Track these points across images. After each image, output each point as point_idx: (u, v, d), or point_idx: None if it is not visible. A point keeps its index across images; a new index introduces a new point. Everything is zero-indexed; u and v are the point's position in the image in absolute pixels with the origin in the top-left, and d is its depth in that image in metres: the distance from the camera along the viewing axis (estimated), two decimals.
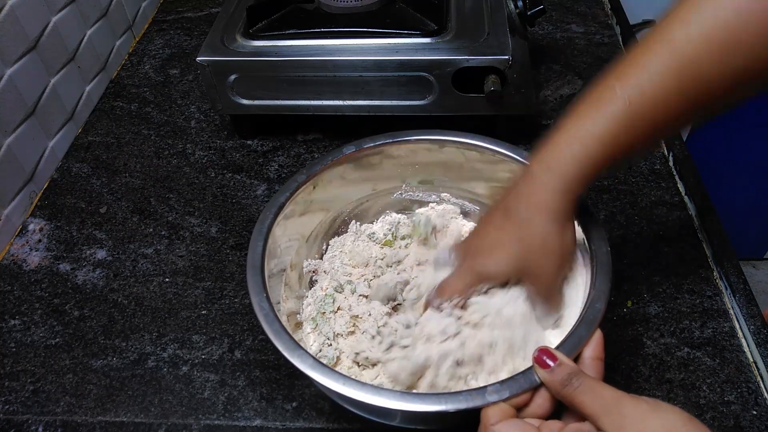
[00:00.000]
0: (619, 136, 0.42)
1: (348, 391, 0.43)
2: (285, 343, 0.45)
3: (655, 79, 0.40)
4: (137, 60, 0.96)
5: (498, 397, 0.41)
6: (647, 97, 0.41)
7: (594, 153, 0.43)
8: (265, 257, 0.51)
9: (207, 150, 0.81)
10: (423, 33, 0.72)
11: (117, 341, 0.61)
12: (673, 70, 0.40)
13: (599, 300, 0.46)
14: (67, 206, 0.75)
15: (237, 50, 0.73)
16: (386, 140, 0.60)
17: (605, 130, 0.42)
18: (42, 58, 0.77)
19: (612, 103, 0.42)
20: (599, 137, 0.42)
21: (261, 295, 0.48)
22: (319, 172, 0.58)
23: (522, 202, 0.46)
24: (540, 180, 0.45)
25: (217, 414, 0.55)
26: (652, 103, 0.41)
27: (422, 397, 0.43)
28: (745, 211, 1.54)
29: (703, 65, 0.39)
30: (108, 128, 0.85)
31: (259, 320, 0.47)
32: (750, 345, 0.57)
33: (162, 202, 0.74)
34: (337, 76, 0.72)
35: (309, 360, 0.44)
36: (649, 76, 0.41)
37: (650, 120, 0.42)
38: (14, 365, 0.59)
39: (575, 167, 0.44)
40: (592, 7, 0.99)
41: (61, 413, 0.56)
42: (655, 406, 0.37)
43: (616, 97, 0.42)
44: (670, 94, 0.40)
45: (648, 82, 0.41)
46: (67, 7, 0.81)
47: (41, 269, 0.68)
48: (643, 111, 0.41)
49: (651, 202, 0.70)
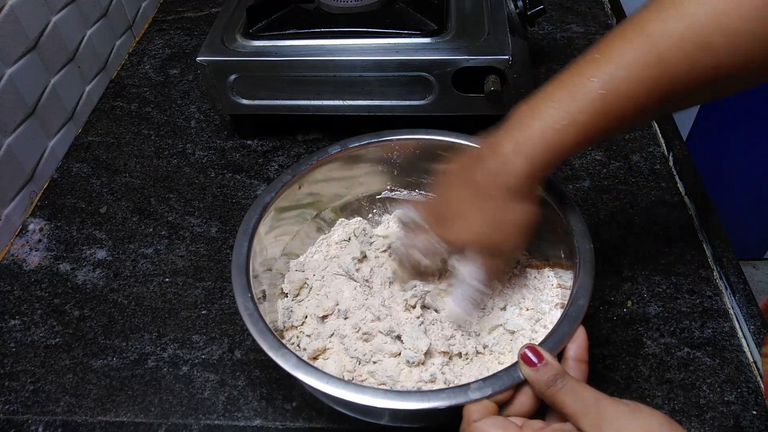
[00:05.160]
0: (591, 124, 0.43)
1: (333, 390, 0.43)
2: (269, 343, 0.45)
3: (631, 71, 0.41)
4: (137, 60, 0.96)
5: (480, 394, 0.41)
6: (621, 89, 0.42)
7: (565, 140, 0.44)
8: (251, 257, 0.51)
9: (207, 150, 0.81)
10: (423, 33, 0.72)
11: (117, 341, 0.61)
12: (648, 64, 0.41)
13: (582, 297, 0.46)
14: (67, 206, 0.75)
15: (237, 50, 0.73)
16: (371, 140, 0.60)
17: (578, 119, 0.43)
18: (42, 58, 0.77)
19: (586, 91, 0.42)
20: (572, 125, 0.43)
21: (246, 296, 0.49)
22: (304, 172, 0.58)
23: (491, 180, 0.47)
24: (510, 161, 0.45)
25: (217, 414, 0.55)
26: (626, 95, 0.42)
27: (405, 395, 0.43)
28: (745, 211, 1.54)
29: (676, 62, 0.40)
30: (108, 128, 0.85)
31: (243, 320, 0.47)
32: (750, 345, 0.57)
33: (162, 202, 0.74)
34: (337, 76, 0.72)
35: (293, 359, 0.44)
36: (624, 68, 0.41)
37: (621, 110, 0.42)
38: (14, 365, 0.59)
39: (546, 153, 0.45)
40: (592, 7, 0.99)
41: (61, 413, 0.56)
42: (634, 408, 0.38)
43: (591, 86, 0.42)
44: (642, 86, 0.41)
45: (623, 74, 0.41)
46: (67, 7, 0.81)
47: (41, 269, 0.68)
48: (615, 101, 0.42)
49: (651, 202, 0.70)
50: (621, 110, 0.42)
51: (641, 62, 0.41)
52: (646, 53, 0.41)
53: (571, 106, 0.43)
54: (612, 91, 0.42)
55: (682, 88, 0.41)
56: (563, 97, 0.44)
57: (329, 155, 0.59)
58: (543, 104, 0.45)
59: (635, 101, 0.42)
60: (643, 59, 0.41)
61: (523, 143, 0.45)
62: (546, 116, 0.44)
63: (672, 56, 0.40)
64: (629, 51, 0.41)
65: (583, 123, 0.43)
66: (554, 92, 0.44)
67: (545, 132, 0.44)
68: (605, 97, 0.42)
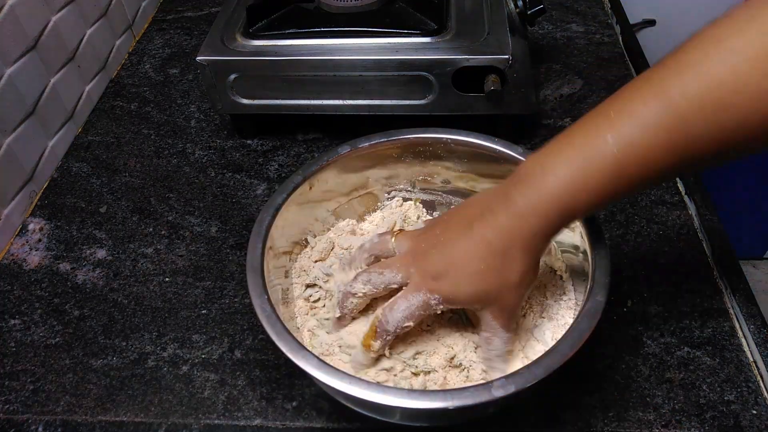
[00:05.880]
0: (605, 186, 0.41)
1: (354, 390, 0.43)
2: (288, 345, 0.45)
3: (647, 132, 0.39)
4: (137, 59, 0.96)
5: (504, 392, 0.41)
6: (637, 150, 0.40)
7: (579, 201, 0.42)
8: (265, 258, 0.51)
9: (207, 149, 0.81)
10: (423, 32, 0.72)
11: (117, 341, 0.61)
12: (665, 125, 0.39)
13: (599, 293, 0.46)
14: (67, 206, 0.75)
15: (237, 50, 0.73)
16: (381, 139, 0.60)
17: (593, 182, 0.41)
18: (42, 57, 0.77)
19: (601, 153, 0.41)
20: (585, 187, 0.42)
21: (262, 297, 0.48)
22: (315, 173, 0.58)
23: (504, 237, 0.45)
24: (526, 220, 0.44)
25: (217, 413, 0.55)
26: (642, 156, 0.40)
27: (428, 395, 0.43)
28: (745, 211, 1.54)
29: (695, 124, 0.38)
30: (108, 128, 0.85)
31: (261, 322, 0.47)
32: (750, 344, 0.57)
33: (162, 202, 0.74)
34: (337, 75, 0.72)
35: (313, 360, 0.44)
36: (640, 129, 0.40)
37: (637, 172, 0.41)
38: (14, 365, 0.59)
39: (560, 214, 0.43)
40: (592, 7, 0.99)
41: (61, 413, 0.56)
42: None
43: (607, 147, 0.41)
44: (660, 148, 0.40)
45: (639, 135, 0.40)
46: (66, 7, 0.81)
47: (41, 269, 0.68)
48: (631, 163, 0.40)
49: (651, 201, 0.70)
50: (636, 173, 0.41)
51: (658, 123, 0.39)
52: (664, 114, 0.39)
53: (587, 169, 0.41)
54: (627, 153, 0.40)
55: (701, 150, 0.39)
56: (577, 159, 0.42)
57: (339, 155, 0.59)
58: (557, 163, 0.43)
59: (652, 164, 0.40)
60: (661, 120, 0.39)
61: (539, 204, 0.43)
62: (561, 177, 0.42)
63: (691, 118, 0.38)
64: (646, 111, 0.40)
65: (597, 184, 0.42)
66: (566, 150, 0.43)
67: (560, 194, 0.42)
68: (619, 159, 0.40)
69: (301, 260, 0.59)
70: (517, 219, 0.44)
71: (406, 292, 0.47)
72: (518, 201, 0.44)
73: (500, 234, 0.45)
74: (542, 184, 0.43)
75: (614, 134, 0.40)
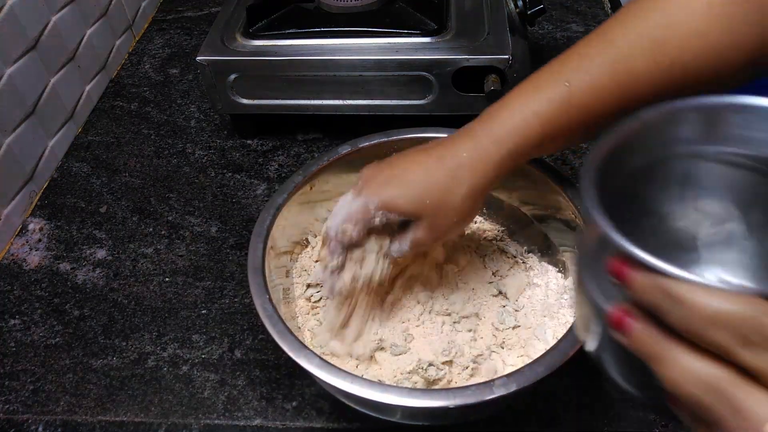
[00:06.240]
0: (557, 116, 0.45)
1: (356, 390, 0.43)
2: (290, 344, 0.46)
3: (593, 68, 0.44)
4: (137, 59, 0.96)
5: (505, 390, 0.41)
6: (584, 83, 0.44)
7: (532, 128, 0.46)
8: (266, 258, 0.51)
9: (207, 149, 0.81)
10: (423, 32, 0.72)
11: (117, 341, 0.61)
12: (609, 61, 0.44)
13: None
14: (67, 206, 0.75)
15: (237, 50, 0.73)
16: (381, 139, 0.60)
17: (545, 110, 0.45)
18: (42, 57, 0.77)
19: (553, 86, 0.45)
20: (539, 115, 0.45)
21: (264, 297, 0.48)
22: (315, 173, 0.58)
23: (457, 155, 0.48)
24: (481, 143, 0.47)
25: (217, 413, 0.55)
26: (589, 89, 0.44)
27: (429, 393, 0.43)
28: None
29: (635, 60, 0.43)
30: (108, 128, 0.85)
31: (262, 322, 0.47)
32: None
33: (162, 202, 0.74)
34: (337, 75, 0.72)
35: (315, 360, 0.45)
36: (587, 65, 0.45)
37: (585, 105, 0.45)
38: (14, 365, 0.59)
39: (514, 141, 0.46)
40: (591, 7, 0.99)
41: (61, 413, 0.56)
42: None
43: (558, 81, 0.45)
44: (605, 82, 0.44)
45: (586, 70, 0.45)
46: (66, 7, 0.81)
47: (41, 269, 0.68)
48: (580, 95, 0.45)
49: None
50: (585, 105, 0.45)
51: (603, 61, 0.44)
52: (608, 54, 0.44)
53: (541, 99, 0.46)
54: (576, 86, 0.44)
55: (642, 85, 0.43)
56: (533, 93, 0.46)
57: (340, 155, 0.59)
58: (515, 99, 0.47)
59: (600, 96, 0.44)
60: (605, 59, 0.44)
61: (501, 133, 0.47)
62: (517, 109, 0.46)
63: (630, 54, 0.43)
64: (593, 52, 0.45)
65: (549, 114, 0.45)
66: (525, 89, 0.47)
67: (516, 122, 0.46)
68: (570, 91, 0.45)
69: (302, 260, 0.59)
70: (473, 141, 0.48)
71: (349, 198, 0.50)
72: (477, 130, 0.48)
73: (454, 152, 0.48)
74: (499, 114, 0.47)
75: (564, 70, 0.46)
